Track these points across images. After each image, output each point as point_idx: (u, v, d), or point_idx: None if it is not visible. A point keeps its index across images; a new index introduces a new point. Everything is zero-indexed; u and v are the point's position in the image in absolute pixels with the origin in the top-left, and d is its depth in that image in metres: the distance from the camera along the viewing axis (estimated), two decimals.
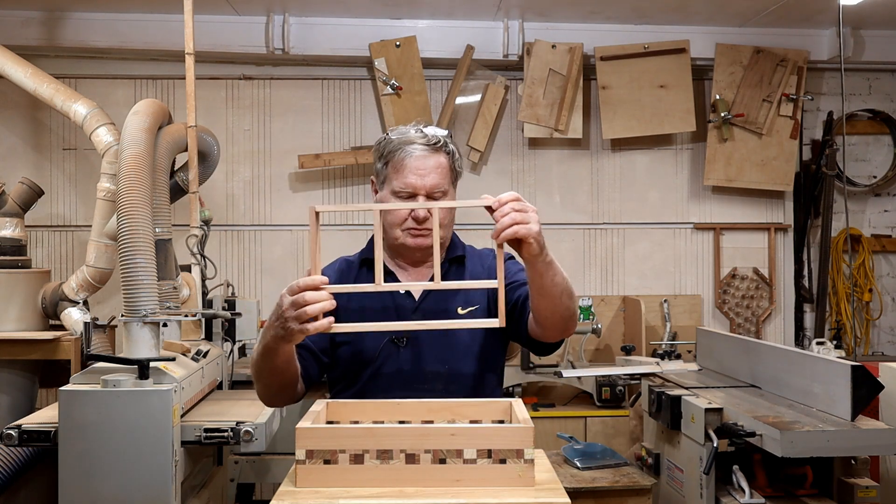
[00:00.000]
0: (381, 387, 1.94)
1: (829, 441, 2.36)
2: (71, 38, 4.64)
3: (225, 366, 3.39)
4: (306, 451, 1.52)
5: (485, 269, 2.08)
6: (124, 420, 2.36)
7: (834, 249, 5.08)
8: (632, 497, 2.98)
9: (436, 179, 1.95)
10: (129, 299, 2.65)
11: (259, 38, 4.71)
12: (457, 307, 2.00)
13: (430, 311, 1.99)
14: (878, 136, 5.25)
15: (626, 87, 4.83)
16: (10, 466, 2.98)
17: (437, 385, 1.96)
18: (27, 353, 3.71)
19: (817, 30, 4.95)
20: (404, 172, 1.95)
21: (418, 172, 1.94)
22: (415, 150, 1.95)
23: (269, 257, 4.96)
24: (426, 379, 1.96)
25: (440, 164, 1.97)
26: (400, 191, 1.95)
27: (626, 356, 4.12)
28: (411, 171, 1.94)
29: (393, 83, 4.69)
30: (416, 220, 1.96)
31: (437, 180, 1.95)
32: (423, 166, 1.95)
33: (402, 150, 1.96)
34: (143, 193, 2.83)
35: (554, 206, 5.06)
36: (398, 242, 2.00)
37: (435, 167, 1.96)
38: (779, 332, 5.14)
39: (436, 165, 1.96)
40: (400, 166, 1.95)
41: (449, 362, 1.98)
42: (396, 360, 1.97)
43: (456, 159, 2.02)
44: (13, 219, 3.88)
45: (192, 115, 3.52)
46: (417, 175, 1.94)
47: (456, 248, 2.11)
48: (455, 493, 1.47)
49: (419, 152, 1.95)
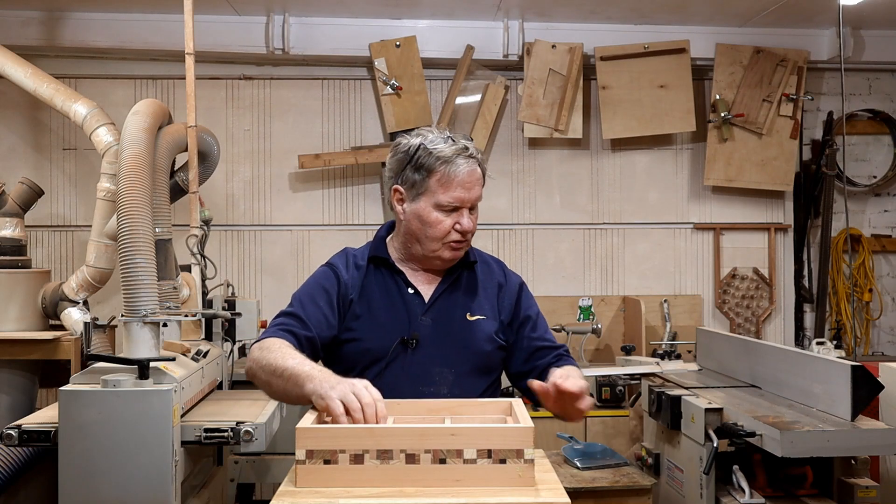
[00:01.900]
0: (386, 386, 1.94)
1: (829, 441, 2.36)
2: (71, 38, 4.64)
3: (225, 366, 3.39)
4: (306, 451, 1.52)
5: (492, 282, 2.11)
6: (124, 420, 2.36)
7: (834, 249, 5.08)
8: (632, 497, 2.98)
9: (479, 191, 2.00)
10: (129, 299, 2.65)
11: (259, 38, 4.71)
12: (466, 313, 2.04)
13: (439, 315, 2.01)
14: (878, 136, 5.25)
15: (626, 87, 4.83)
16: (10, 466, 2.98)
17: (443, 388, 1.97)
18: (27, 353, 3.71)
19: (817, 30, 4.95)
20: (453, 186, 1.95)
21: (466, 186, 1.96)
22: (463, 164, 1.96)
23: (269, 257, 4.95)
24: (432, 381, 1.97)
25: (480, 176, 2.00)
26: (447, 204, 1.96)
27: (626, 356, 4.12)
28: (460, 184, 1.95)
29: (393, 83, 4.69)
30: (463, 232, 1.98)
31: (479, 192, 2.00)
32: (469, 180, 1.97)
33: (452, 163, 1.95)
34: (143, 193, 2.83)
35: (554, 206, 5.06)
36: (434, 254, 2.01)
37: (478, 180, 1.99)
38: (779, 332, 5.14)
39: (478, 178, 2.00)
40: (447, 180, 1.95)
41: (456, 366, 2.00)
42: (404, 361, 1.98)
43: (484, 167, 2.05)
44: (13, 219, 3.88)
45: (192, 115, 3.52)
46: (465, 189, 1.96)
47: (468, 254, 2.12)
48: (455, 493, 1.47)
49: (467, 167, 1.96)
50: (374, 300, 2.01)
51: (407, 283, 2.05)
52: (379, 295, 2.02)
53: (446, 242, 1.99)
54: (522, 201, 5.06)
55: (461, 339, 2.01)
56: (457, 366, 2.00)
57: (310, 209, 4.96)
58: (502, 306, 2.09)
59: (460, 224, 1.96)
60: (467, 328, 2.03)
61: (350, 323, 2.01)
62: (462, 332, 2.02)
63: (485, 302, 2.07)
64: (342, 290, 2.02)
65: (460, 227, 1.97)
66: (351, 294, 2.02)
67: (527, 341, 2.09)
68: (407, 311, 2.01)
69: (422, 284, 2.06)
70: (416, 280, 2.05)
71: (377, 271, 2.06)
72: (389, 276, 2.05)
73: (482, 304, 2.06)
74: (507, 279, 2.14)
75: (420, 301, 2.03)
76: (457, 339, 2.00)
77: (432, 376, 1.97)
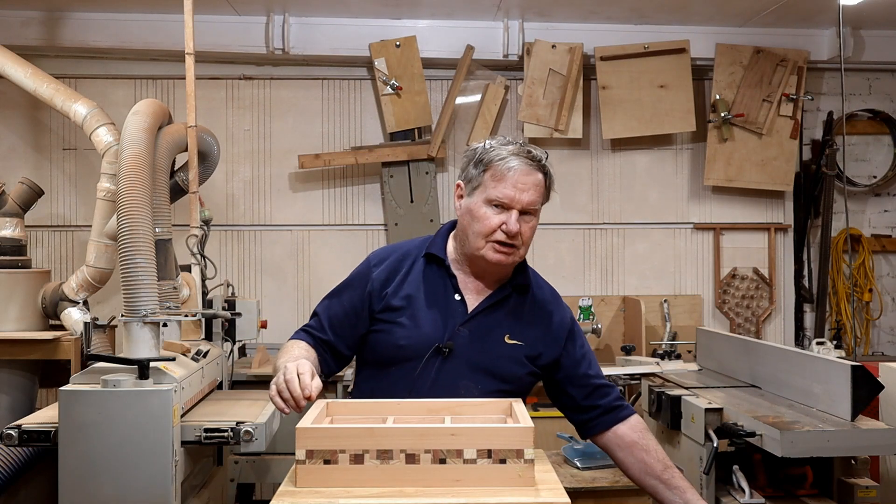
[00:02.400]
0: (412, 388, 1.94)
1: (829, 441, 2.35)
2: (71, 38, 4.64)
3: (225, 366, 3.39)
4: (306, 451, 1.52)
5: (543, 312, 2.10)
6: (124, 420, 2.36)
7: (834, 249, 5.08)
8: (632, 497, 2.97)
9: (533, 196, 1.96)
10: (129, 299, 2.64)
11: (259, 38, 4.71)
12: (505, 335, 2.02)
13: (478, 328, 2.00)
14: (878, 136, 5.25)
15: (626, 87, 4.83)
16: (10, 466, 2.98)
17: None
18: (27, 353, 3.71)
19: (817, 30, 4.95)
20: (505, 182, 1.94)
21: (519, 186, 1.94)
22: (520, 164, 1.95)
23: (269, 257, 4.95)
24: (457, 394, 1.94)
25: (538, 182, 1.98)
26: (496, 199, 1.95)
27: (626, 356, 4.12)
28: (512, 182, 1.94)
29: (393, 83, 4.69)
30: (508, 233, 1.95)
31: (534, 197, 1.96)
32: (524, 181, 1.95)
33: (508, 160, 1.95)
34: (143, 193, 2.83)
35: (554, 206, 5.06)
36: (478, 253, 1.99)
37: (534, 184, 1.97)
38: (779, 332, 5.13)
39: (535, 182, 1.97)
40: (501, 176, 1.95)
41: (483, 384, 1.98)
42: (434, 368, 1.96)
43: (551, 180, 2.03)
44: (13, 219, 3.88)
45: (192, 115, 3.52)
46: (518, 189, 1.94)
47: (524, 275, 2.10)
48: (455, 493, 1.47)
49: (523, 166, 1.96)
50: (417, 296, 2.00)
51: (455, 289, 2.03)
52: (425, 292, 2.01)
53: (490, 241, 1.96)
54: None
55: (494, 358, 1.99)
56: (484, 384, 1.98)
57: (310, 209, 4.96)
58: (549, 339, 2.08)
59: (507, 224, 1.94)
60: (503, 349, 2.01)
61: (385, 315, 2.00)
62: (496, 352, 2.00)
63: (528, 330, 2.04)
64: (371, 287, 2.02)
65: (506, 227, 1.94)
66: (386, 288, 2.01)
67: (585, 379, 2.12)
68: (448, 316, 1.99)
69: (470, 293, 2.04)
70: (465, 287, 2.04)
71: (429, 268, 2.05)
72: (440, 277, 2.04)
73: (524, 332, 2.04)
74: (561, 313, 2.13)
75: (463, 309, 2.01)
76: (490, 357, 1.99)
77: (458, 389, 1.95)
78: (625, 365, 3.85)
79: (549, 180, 2.01)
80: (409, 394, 1.90)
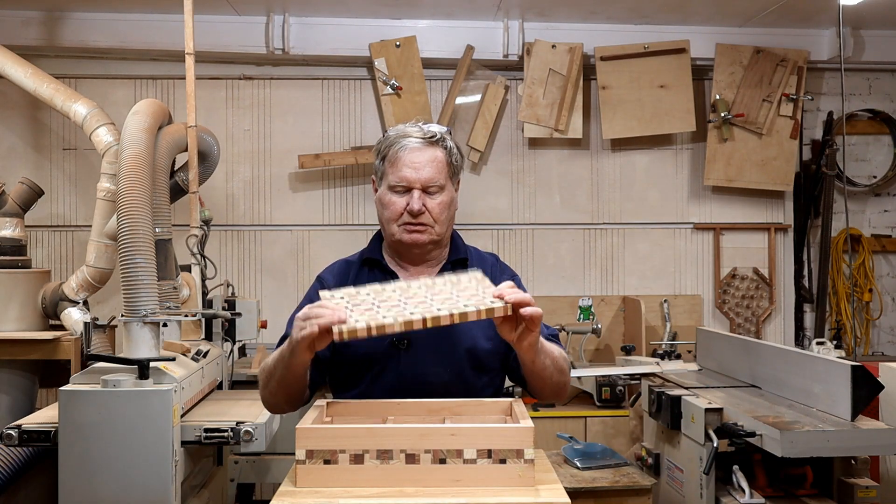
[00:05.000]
0: (383, 390, 1.93)
1: (829, 441, 2.36)
2: (71, 38, 4.64)
3: (225, 366, 3.39)
4: (306, 451, 1.52)
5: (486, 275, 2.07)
6: (124, 420, 2.36)
7: (834, 249, 5.08)
8: (632, 497, 2.98)
9: (430, 173, 1.94)
10: (129, 299, 2.65)
11: (259, 38, 4.71)
12: None
13: None
14: (878, 136, 5.25)
15: (626, 87, 4.83)
16: (10, 466, 2.98)
17: (440, 388, 1.93)
18: (27, 353, 3.71)
19: (817, 30, 4.95)
20: (399, 165, 1.94)
21: (413, 165, 1.93)
22: (410, 143, 1.95)
23: (269, 257, 4.95)
24: (429, 381, 1.93)
25: (436, 158, 1.96)
26: (395, 185, 1.94)
27: (626, 356, 4.13)
28: (406, 164, 1.93)
29: (393, 83, 4.69)
30: (412, 213, 1.94)
31: (431, 174, 1.94)
32: (418, 159, 1.94)
33: (398, 143, 1.95)
34: (143, 193, 2.83)
35: (554, 206, 5.07)
36: (395, 239, 1.99)
37: (430, 160, 1.95)
38: (779, 332, 5.14)
39: (431, 159, 1.95)
40: (395, 160, 1.95)
41: (451, 365, 1.96)
42: (398, 364, 1.95)
43: (454, 154, 2.00)
44: (13, 219, 3.88)
45: (192, 115, 3.52)
46: (412, 168, 1.93)
47: (458, 250, 2.09)
48: (455, 493, 1.47)
49: (414, 145, 1.95)
50: None
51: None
52: None
53: (400, 224, 1.96)
54: (522, 201, 5.06)
55: (454, 336, 1.96)
56: (452, 364, 1.96)
57: (310, 209, 4.96)
58: None
59: (410, 204, 1.93)
60: (458, 326, 1.96)
61: None
62: (452, 330, 1.96)
63: None
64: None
65: (409, 206, 1.93)
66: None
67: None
68: None
69: None
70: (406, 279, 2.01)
71: (371, 273, 2.03)
72: (382, 278, 2.01)
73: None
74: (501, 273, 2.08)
75: None
76: (448, 338, 1.96)
77: (428, 376, 1.94)
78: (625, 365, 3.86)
79: (450, 155, 1.99)
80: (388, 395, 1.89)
